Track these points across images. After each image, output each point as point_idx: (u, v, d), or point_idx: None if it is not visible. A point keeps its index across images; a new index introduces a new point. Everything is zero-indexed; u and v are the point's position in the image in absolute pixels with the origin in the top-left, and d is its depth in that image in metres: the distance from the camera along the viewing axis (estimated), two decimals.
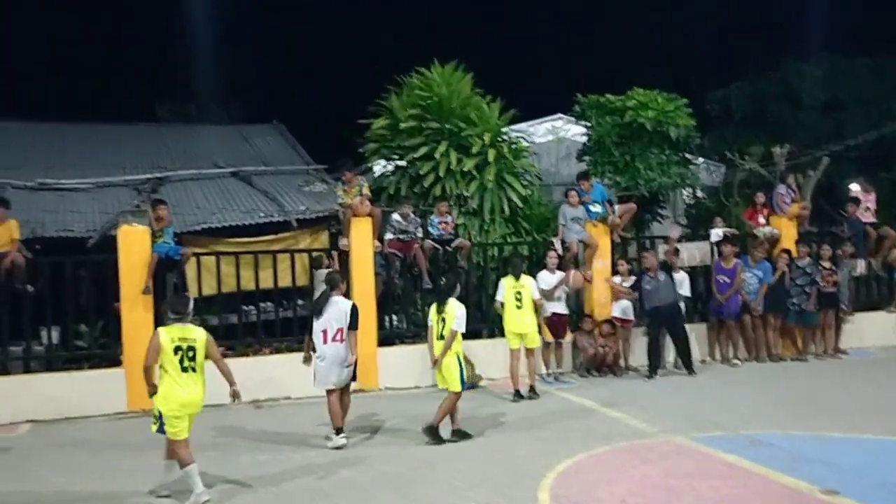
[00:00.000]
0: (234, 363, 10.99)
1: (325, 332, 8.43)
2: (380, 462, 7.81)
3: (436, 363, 8.53)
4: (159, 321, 10.97)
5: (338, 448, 8.27)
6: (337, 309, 8.41)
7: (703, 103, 26.72)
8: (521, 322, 10.65)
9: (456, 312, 8.50)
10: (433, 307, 8.77)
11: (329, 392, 8.50)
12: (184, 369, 6.81)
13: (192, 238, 12.48)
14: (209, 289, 11.87)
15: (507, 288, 10.75)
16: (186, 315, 6.97)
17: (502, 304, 10.75)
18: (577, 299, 13.03)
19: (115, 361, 10.88)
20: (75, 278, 11.23)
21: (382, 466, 7.64)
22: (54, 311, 10.80)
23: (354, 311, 8.42)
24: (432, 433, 8.38)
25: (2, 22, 26.46)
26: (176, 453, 6.79)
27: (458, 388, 8.45)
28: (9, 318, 10.44)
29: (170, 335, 6.78)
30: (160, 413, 6.75)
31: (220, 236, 12.91)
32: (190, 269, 11.70)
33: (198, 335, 6.92)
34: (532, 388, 10.68)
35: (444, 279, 9.84)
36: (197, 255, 11.62)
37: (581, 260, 12.96)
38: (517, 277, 10.74)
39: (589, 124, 15.87)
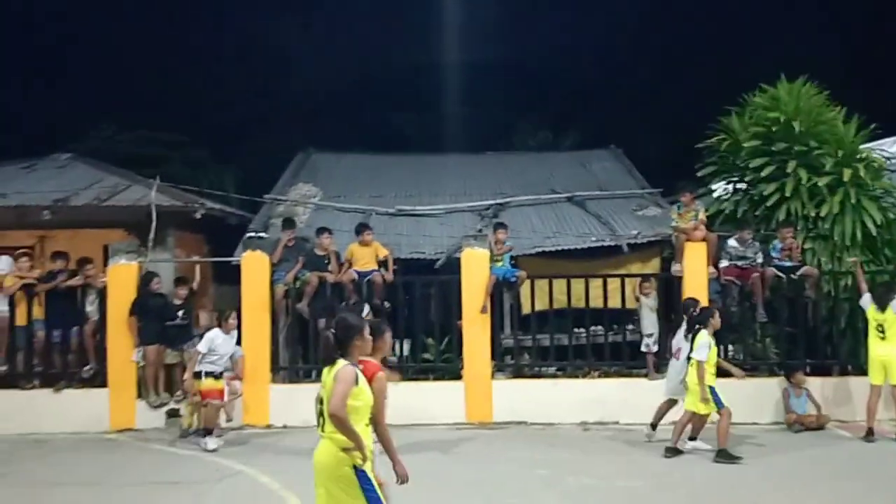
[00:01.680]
0: (563, 384, 11.50)
1: (676, 350, 9.81)
2: (699, 493, 7.50)
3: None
4: (495, 339, 11.71)
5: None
6: (681, 332, 9.74)
7: None
8: (884, 352, 9.94)
9: (699, 341, 9.05)
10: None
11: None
12: None
13: (527, 261, 13.02)
14: (542, 307, 12.28)
15: (870, 319, 10.20)
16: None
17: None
18: None
19: (456, 375, 11.73)
20: (424, 296, 12.36)
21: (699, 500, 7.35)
22: (406, 326, 11.96)
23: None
24: (725, 455, 8.87)
25: (371, 67, 29.93)
26: None
27: (700, 410, 9.09)
28: None
29: None
30: None
31: (554, 259, 13.31)
32: (525, 290, 12.24)
33: None
34: None
35: (699, 310, 9.74)
36: (531, 277, 12.11)
37: None
38: (882, 308, 10.06)
39: None
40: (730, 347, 11.98)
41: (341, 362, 4.76)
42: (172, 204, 13.85)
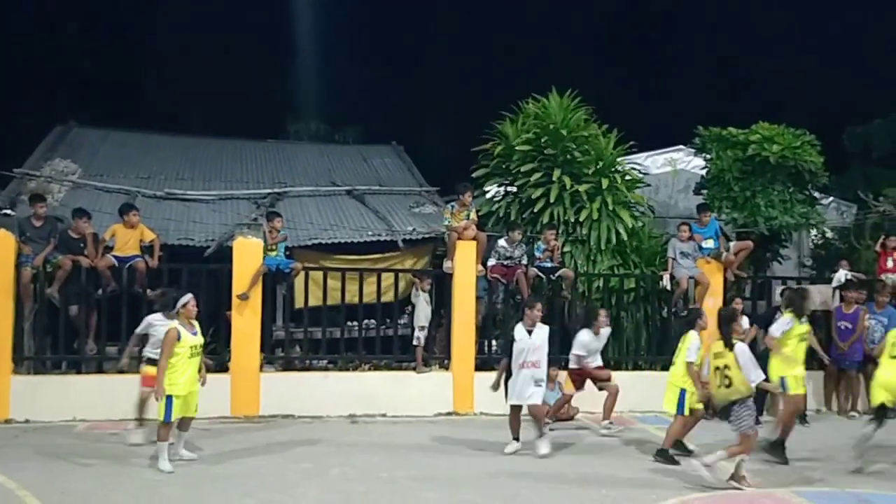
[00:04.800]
0: (333, 377, 11.46)
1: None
2: (459, 485, 7.78)
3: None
4: (266, 331, 11.42)
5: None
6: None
7: (841, 139, 25.52)
8: None
9: (689, 343, 8.77)
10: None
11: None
12: None
13: (303, 252, 12.86)
14: (315, 301, 12.17)
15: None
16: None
17: None
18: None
19: (222, 367, 11.29)
20: (192, 285, 11.77)
21: (462, 493, 7.60)
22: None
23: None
24: (663, 455, 8.88)
25: (148, 41, 28.36)
26: None
27: (673, 411, 9.01)
28: (128, 321, 11.00)
29: None
30: None
31: (330, 252, 13.25)
32: (298, 282, 12.07)
33: None
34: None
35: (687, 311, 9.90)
36: (306, 269, 11.96)
37: (691, 297, 12.54)
38: None
39: (708, 157, 15.35)
40: (493, 343, 12.54)
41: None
42: None
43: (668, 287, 12.30)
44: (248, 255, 11.21)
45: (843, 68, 29.82)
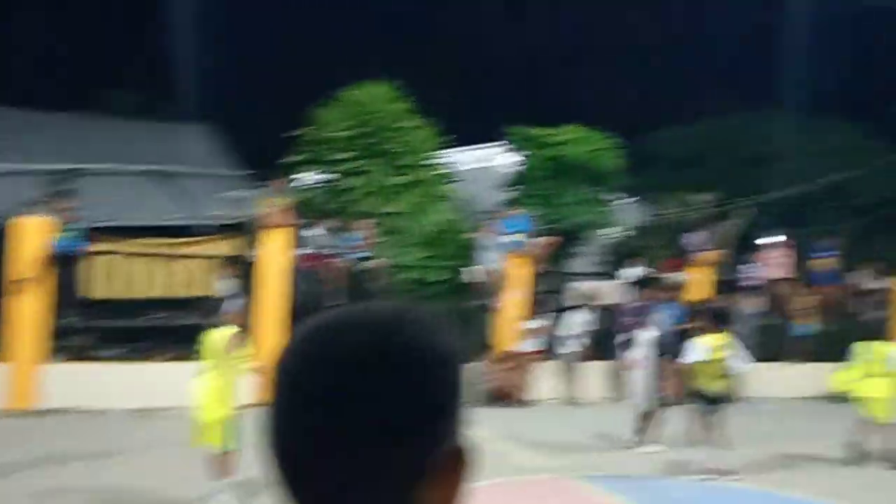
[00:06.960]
0: (123, 367, 10.81)
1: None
2: None
3: None
4: (53, 318, 10.63)
5: None
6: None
7: (645, 143, 27.23)
8: None
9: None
10: None
11: None
12: None
13: (100, 235, 12.08)
14: (104, 291, 11.47)
15: None
16: None
17: None
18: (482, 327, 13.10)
19: None
20: None
21: None
22: None
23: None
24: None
25: None
26: None
27: None
28: None
29: None
30: None
31: (131, 236, 12.52)
32: (90, 267, 11.34)
33: None
34: None
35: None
36: (97, 252, 11.25)
37: (495, 290, 12.93)
38: None
39: (524, 154, 15.85)
40: None
41: None
42: None
43: (474, 280, 12.61)
44: (29, 235, 10.39)
45: (654, 76, 31.65)
